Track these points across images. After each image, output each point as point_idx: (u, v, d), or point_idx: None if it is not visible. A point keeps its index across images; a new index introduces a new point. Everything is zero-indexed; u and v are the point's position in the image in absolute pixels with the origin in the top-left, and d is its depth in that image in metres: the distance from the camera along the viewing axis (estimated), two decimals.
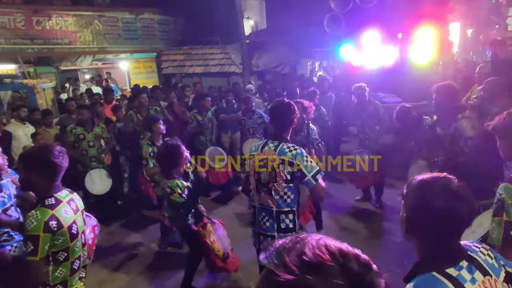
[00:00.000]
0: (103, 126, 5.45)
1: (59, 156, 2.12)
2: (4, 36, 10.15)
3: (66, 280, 2.18)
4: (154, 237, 4.90)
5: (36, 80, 8.27)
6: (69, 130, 5.22)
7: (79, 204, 2.31)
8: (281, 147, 2.62)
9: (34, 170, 2.10)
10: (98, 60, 14.12)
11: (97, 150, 5.28)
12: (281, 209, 2.64)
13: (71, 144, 5.13)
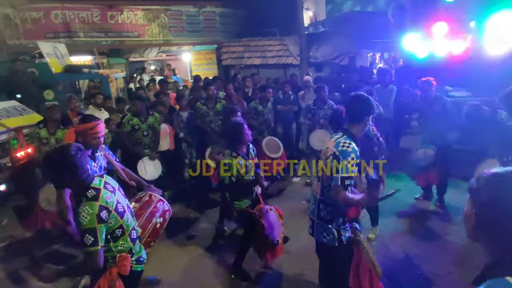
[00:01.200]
0: (156, 116, 5.70)
1: (79, 155, 2.18)
2: (83, 30, 11.16)
3: (130, 248, 2.38)
4: (212, 219, 5.15)
5: (110, 70, 8.99)
6: (126, 121, 5.51)
7: (113, 183, 2.42)
8: (338, 140, 2.62)
9: (61, 170, 2.17)
10: (163, 52, 14.90)
11: (151, 138, 5.59)
12: (322, 198, 2.71)
13: (127, 133, 5.47)
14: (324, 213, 2.71)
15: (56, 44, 8.62)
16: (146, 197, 3.15)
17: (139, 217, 2.93)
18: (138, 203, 3.07)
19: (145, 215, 2.99)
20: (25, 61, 8.22)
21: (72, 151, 2.16)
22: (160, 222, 3.07)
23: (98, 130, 3.07)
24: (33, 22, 10.62)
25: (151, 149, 5.53)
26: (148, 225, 2.93)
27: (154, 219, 3.03)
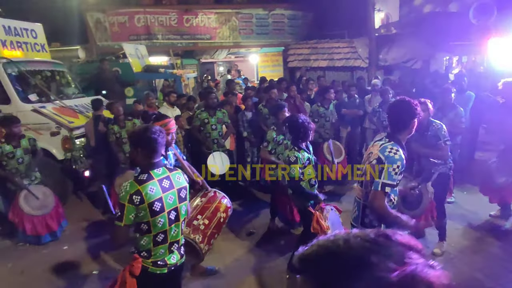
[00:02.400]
0: (224, 111, 5.96)
1: (157, 135, 2.31)
2: (161, 33, 12.08)
3: (150, 249, 2.36)
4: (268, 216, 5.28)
5: (183, 70, 9.61)
6: (196, 115, 5.87)
7: (176, 182, 2.39)
8: (385, 145, 2.54)
9: (136, 146, 2.34)
10: (231, 53, 15.46)
11: (219, 133, 5.86)
12: (366, 203, 2.63)
13: (197, 127, 5.81)
14: (369, 219, 2.63)
15: (138, 45, 9.45)
16: (211, 193, 3.38)
17: (206, 210, 3.15)
18: (204, 198, 3.30)
19: (211, 209, 3.21)
20: (111, 61, 9.14)
21: (153, 131, 2.31)
22: (223, 217, 3.28)
23: (169, 127, 3.30)
24: (119, 26, 11.76)
25: (219, 144, 5.80)
26: (213, 218, 3.15)
27: (219, 213, 3.25)
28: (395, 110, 2.64)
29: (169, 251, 2.43)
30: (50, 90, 6.43)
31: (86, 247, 4.75)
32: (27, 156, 4.89)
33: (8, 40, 6.28)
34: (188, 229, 3.08)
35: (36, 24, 7.09)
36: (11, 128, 4.70)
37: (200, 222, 3.15)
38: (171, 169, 2.46)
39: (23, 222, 4.68)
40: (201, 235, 3.07)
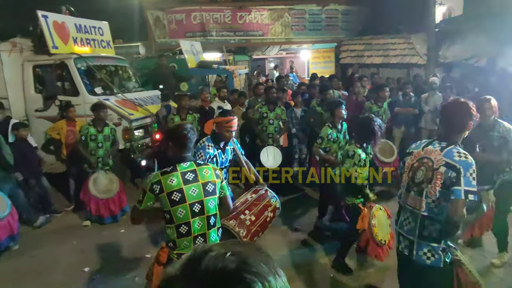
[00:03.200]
0: (283, 108, 6.04)
1: (188, 132, 2.46)
2: (216, 30, 12.44)
3: (174, 240, 2.43)
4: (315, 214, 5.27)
5: (235, 67, 9.84)
6: (256, 109, 6.00)
7: (202, 176, 2.45)
8: (449, 149, 2.38)
9: (169, 140, 2.54)
10: (283, 50, 15.48)
11: (275, 128, 5.94)
12: (428, 214, 2.41)
13: (256, 121, 5.93)
14: (430, 231, 2.42)
15: (193, 42, 9.82)
16: (262, 190, 3.45)
17: (254, 207, 3.22)
18: (255, 194, 3.38)
19: (259, 206, 3.27)
20: (168, 57, 9.60)
21: (185, 128, 2.48)
22: (270, 217, 3.32)
23: (232, 124, 3.39)
24: (176, 23, 12.30)
25: (274, 139, 5.87)
26: (260, 216, 3.20)
27: (266, 212, 3.29)
28: (451, 111, 2.50)
29: (194, 245, 2.43)
30: (113, 84, 6.92)
31: (142, 232, 5.08)
32: (107, 142, 5.39)
33: (78, 37, 6.86)
34: (235, 221, 3.14)
35: (103, 22, 7.66)
36: (99, 113, 5.27)
37: (247, 218, 3.19)
38: (200, 163, 2.53)
39: (90, 203, 5.14)
40: (245, 230, 3.11)
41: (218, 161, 3.37)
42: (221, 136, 3.39)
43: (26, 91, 6.32)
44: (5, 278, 4.10)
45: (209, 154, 3.30)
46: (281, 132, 6.07)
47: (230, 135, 3.41)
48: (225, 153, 3.50)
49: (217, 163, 3.35)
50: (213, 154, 3.33)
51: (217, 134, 3.40)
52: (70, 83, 6.31)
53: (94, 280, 3.94)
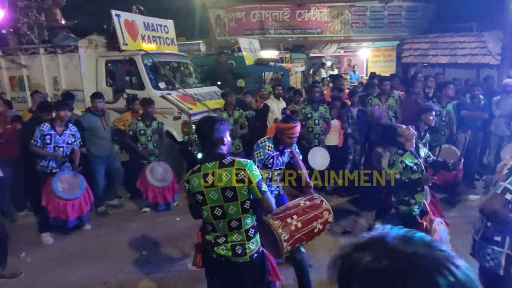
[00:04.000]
0: (326, 107, 5.90)
1: (208, 126, 2.36)
2: (274, 28, 12.53)
3: (210, 241, 2.46)
4: (368, 217, 5.14)
5: (291, 64, 9.86)
6: (299, 109, 5.92)
7: (220, 179, 2.29)
8: None
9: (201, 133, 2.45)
10: (341, 48, 15.15)
11: (321, 128, 5.85)
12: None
13: (300, 122, 5.84)
14: (491, 232, 2.35)
15: (252, 39, 10.00)
16: (318, 200, 3.33)
17: (304, 214, 3.15)
18: (309, 202, 3.32)
19: (310, 215, 3.18)
20: (227, 54, 9.87)
21: (215, 120, 2.40)
22: (319, 228, 3.16)
23: (294, 131, 3.35)
24: (236, 21, 12.59)
25: (320, 140, 5.82)
26: (307, 225, 3.12)
27: (316, 223, 3.18)
28: None
29: (215, 242, 2.44)
30: (175, 79, 7.28)
31: (197, 222, 5.28)
32: (155, 136, 5.69)
33: (146, 35, 7.32)
34: (280, 222, 3.06)
35: (169, 20, 8.09)
36: (147, 108, 5.56)
37: (293, 223, 3.09)
38: (225, 164, 2.32)
39: (147, 191, 5.49)
40: (288, 234, 3.03)
41: (274, 163, 3.40)
42: (282, 141, 3.37)
43: (99, 84, 6.89)
44: (75, 253, 4.54)
45: (268, 155, 3.33)
46: (326, 132, 5.97)
47: (291, 142, 3.38)
48: (283, 155, 3.49)
49: (272, 165, 3.38)
50: (271, 155, 3.36)
51: (278, 139, 3.38)
52: (137, 78, 6.76)
53: (151, 264, 4.21)
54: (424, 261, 0.68)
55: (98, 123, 5.45)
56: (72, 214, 4.73)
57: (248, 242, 2.43)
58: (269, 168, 3.41)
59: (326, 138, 6.03)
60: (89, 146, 5.46)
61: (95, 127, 5.42)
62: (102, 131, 5.49)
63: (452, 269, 0.68)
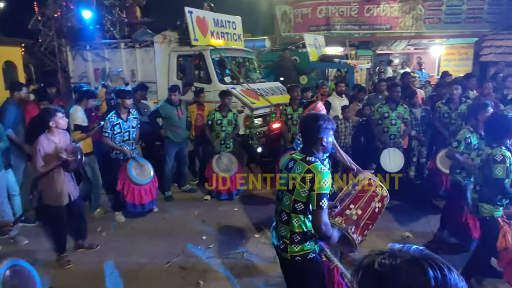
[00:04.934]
0: (405, 107, 5.65)
1: (323, 121, 2.39)
2: (340, 23, 12.26)
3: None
4: (431, 224, 4.90)
5: (357, 61, 9.59)
6: (375, 108, 5.73)
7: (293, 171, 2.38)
8: None
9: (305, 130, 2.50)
10: (411, 45, 14.34)
11: (397, 129, 5.61)
12: None
13: (376, 121, 5.68)
14: None
15: (317, 36, 9.90)
16: (365, 180, 3.23)
17: (359, 200, 3.12)
18: (357, 186, 3.28)
19: (365, 198, 3.13)
20: (291, 50, 9.89)
21: (320, 118, 2.43)
22: (378, 207, 3.11)
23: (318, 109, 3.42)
24: (302, 17, 12.53)
25: (395, 141, 5.56)
26: (367, 209, 3.09)
27: (373, 203, 3.13)
28: None
29: (273, 227, 2.60)
30: (240, 74, 7.50)
31: (254, 213, 5.47)
32: (230, 126, 5.98)
33: (215, 31, 7.62)
34: (341, 218, 3.05)
35: (237, 17, 8.33)
36: (225, 99, 5.89)
37: (353, 212, 3.06)
38: (306, 160, 2.36)
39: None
40: (353, 225, 3.03)
41: None
42: None
43: (170, 77, 7.34)
44: (142, 232, 4.96)
45: None
46: (404, 134, 5.70)
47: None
48: None
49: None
50: None
51: None
52: (205, 72, 7.09)
53: (209, 249, 4.45)
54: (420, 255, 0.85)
55: (174, 113, 5.89)
56: (146, 198, 5.19)
57: (291, 244, 2.39)
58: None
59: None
60: (166, 132, 5.97)
61: (171, 116, 5.89)
62: (177, 120, 5.93)
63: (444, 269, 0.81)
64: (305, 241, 2.39)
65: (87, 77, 8.05)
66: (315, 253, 2.44)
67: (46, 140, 3.89)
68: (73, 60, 8.20)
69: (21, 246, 4.54)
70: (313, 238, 2.43)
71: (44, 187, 4.08)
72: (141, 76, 7.51)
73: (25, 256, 3.27)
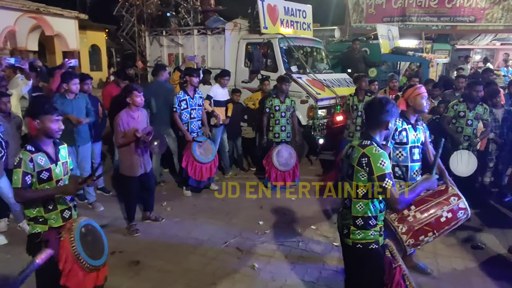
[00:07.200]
0: (485, 107, 5.15)
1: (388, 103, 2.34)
2: (417, 14, 11.49)
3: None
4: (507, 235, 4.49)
5: (434, 55, 8.95)
6: (450, 105, 5.29)
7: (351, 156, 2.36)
8: None
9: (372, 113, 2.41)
10: (497, 39, 13.01)
11: (473, 130, 5.15)
12: None
13: (449, 120, 5.27)
14: None
15: (390, 27, 9.39)
16: (442, 186, 3.06)
17: (424, 203, 2.90)
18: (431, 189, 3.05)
19: (431, 203, 2.92)
20: (362, 41, 9.51)
21: (389, 101, 2.39)
22: (446, 217, 2.89)
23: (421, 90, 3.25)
24: (375, 7, 11.97)
25: (471, 143, 5.15)
26: (430, 213, 2.89)
27: (440, 211, 2.89)
28: None
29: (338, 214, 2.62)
30: (307, 63, 7.41)
31: (312, 205, 5.44)
32: (288, 112, 5.95)
33: (285, 19, 7.60)
34: (396, 216, 2.89)
35: (307, 5, 8.21)
36: (282, 85, 5.88)
37: (411, 214, 2.87)
38: (362, 144, 2.33)
39: (270, 171, 5.86)
40: (406, 226, 2.85)
41: (408, 137, 3.29)
42: (416, 106, 3.25)
43: (238, 64, 7.50)
44: (203, 210, 5.20)
45: (397, 127, 3.26)
46: (482, 136, 5.22)
47: (425, 102, 3.25)
48: (416, 131, 3.34)
49: (407, 139, 3.29)
50: (402, 128, 3.28)
51: (410, 108, 3.29)
52: (272, 60, 7.13)
53: (265, 234, 4.53)
54: None
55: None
56: (206, 175, 5.51)
57: (355, 229, 2.37)
58: (405, 143, 3.31)
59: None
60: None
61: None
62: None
63: None
64: (369, 228, 2.35)
65: (162, 61, 8.53)
66: (377, 245, 2.38)
67: (125, 115, 4.25)
68: (150, 45, 8.74)
69: (97, 212, 5.04)
70: (377, 227, 2.38)
71: (122, 157, 4.45)
72: (211, 62, 7.77)
73: (99, 221, 3.62)
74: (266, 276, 3.66)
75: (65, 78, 4.56)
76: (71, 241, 2.53)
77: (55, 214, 2.62)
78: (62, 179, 2.65)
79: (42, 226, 2.59)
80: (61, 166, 2.65)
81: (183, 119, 5.39)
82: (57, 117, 2.58)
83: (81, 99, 4.73)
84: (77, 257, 2.52)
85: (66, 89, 4.58)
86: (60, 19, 12.45)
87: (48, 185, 2.56)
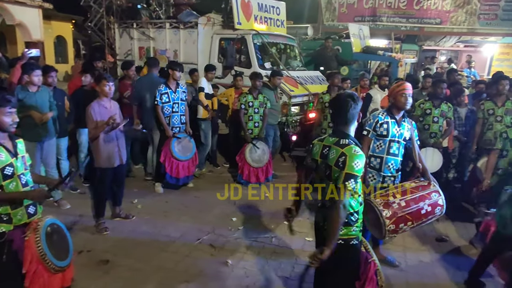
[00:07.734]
0: (449, 105, 5.35)
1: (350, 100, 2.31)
2: (387, 15, 11.81)
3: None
4: (468, 230, 4.72)
5: (403, 55, 9.24)
6: (417, 104, 5.47)
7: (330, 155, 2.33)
8: None
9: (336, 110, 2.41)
10: (461, 41, 13.63)
11: (439, 127, 5.34)
12: None
13: (417, 118, 5.44)
14: None
15: (362, 26, 9.61)
16: (425, 182, 3.26)
17: (409, 194, 3.07)
18: (414, 183, 3.21)
19: (415, 195, 3.09)
20: (334, 39, 9.67)
21: (356, 99, 2.34)
22: (426, 210, 3.05)
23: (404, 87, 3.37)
24: (347, 7, 12.21)
25: (436, 140, 5.33)
26: (413, 204, 3.03)
27: (422, 203, 3.05)
28: None
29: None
30: (281, 60, 7.44)
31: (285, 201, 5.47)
32: (261, 109, 5.92)
33: (258, 16, 7.59)
34: (381, 200, 3.02)
35: (281, 2, 8.24)
36: (255, 81, 5.85)
37: (396, 201, 3.00)
38: (340, 144, 2.30)
39: (243, 167, 5.83)
40: (390, 211, 2.98)
41: (389, 130, 3.42)
42: (397, 103, 3.39)
43: (211, 60, 7.42)
44: (175, 207, 5.11)
45: (379, 119, 3.42)
46: (446, 133, 5.44)
47: (404, 99, 3.36)
48: (400, 126, 3.44)
49: (388, 132, 3.42)
50: (383, 120, 3.42)
51: (393, 104, 3.43)
52: (246, 56, 7.10)
53: (238, 230, 4.52)
54: None
55: None
56: (182, 173, 5.40)
57: None
58: (385, 136, 3.43)
59: None
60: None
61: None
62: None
63: None
64: (352, 224, 2.35)
65: (132, 54, 8.30)
66: (358, 241, 2.40)
67: (97, 105, 4.11)
68: (120, 37, 8.47)
69: (63, 210, 4.83)
70: (358, 223, 2.39)
71: (97, 150, 4.21)
72: (183, 57, 7.64)
73: (65, 219, 3.48)
74: (239, 273, 3.65)
75: (26, 70, 4.33)
76: (36, 241, 2.43)
77: (21, 210, 2.51)
78: (24, 173, 2.52)
79: (7, 226, 2.46)
80: (21, 160, 2.53)
81: (165, 112, 5.27)
82: (10, 109, 2.44)
83: (44, 92, 4.50)
84: (42, 257, 2.42)
85: (27, 81, 4.35)
86: (22, 8, 11.80)
87: (12, 180, 2.43)
